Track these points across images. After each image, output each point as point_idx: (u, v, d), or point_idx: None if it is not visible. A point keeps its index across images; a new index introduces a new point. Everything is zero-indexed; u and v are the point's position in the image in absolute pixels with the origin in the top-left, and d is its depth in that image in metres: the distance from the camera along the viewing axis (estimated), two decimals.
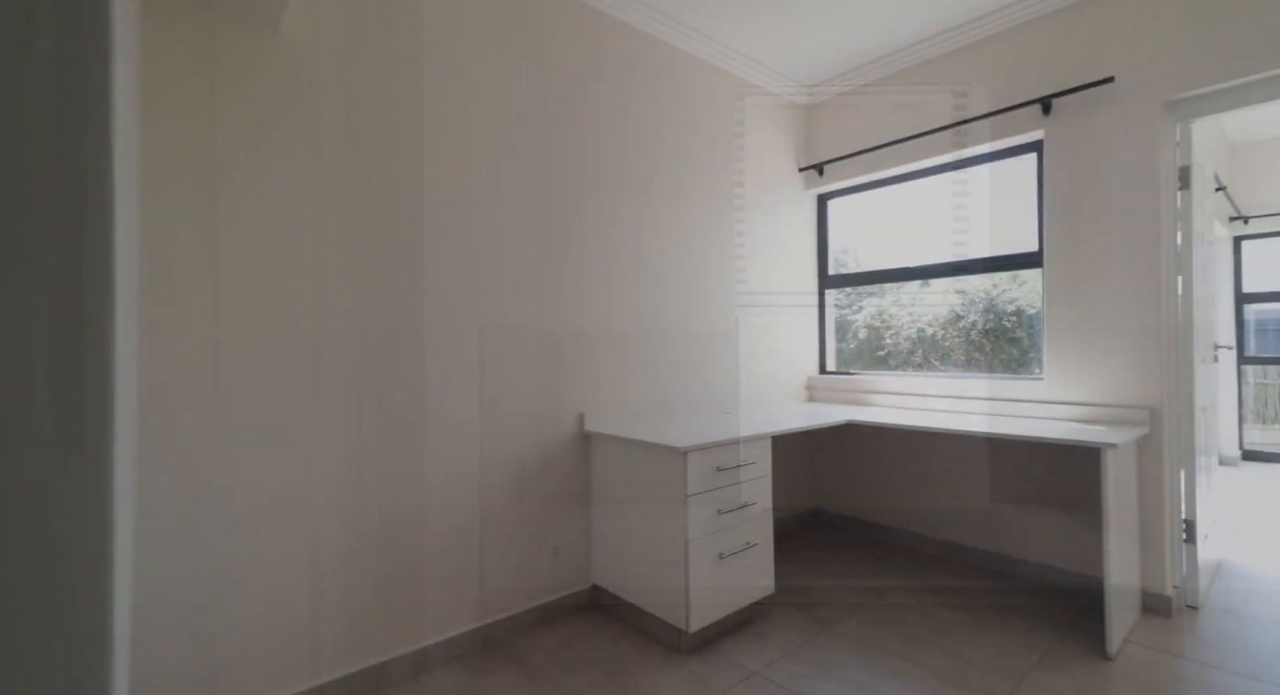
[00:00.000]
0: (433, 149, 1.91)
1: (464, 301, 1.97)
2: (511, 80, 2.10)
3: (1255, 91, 2.03)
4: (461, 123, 1.97)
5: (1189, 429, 2.22)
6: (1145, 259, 2.19)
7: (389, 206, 1.81)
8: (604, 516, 2.23)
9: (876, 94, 3.02)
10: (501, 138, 2.07)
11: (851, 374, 3.28)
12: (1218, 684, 1.72)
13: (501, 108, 2.07)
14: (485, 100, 2.04)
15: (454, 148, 1.96)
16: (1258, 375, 4.87)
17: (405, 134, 1.86)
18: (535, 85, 2.16)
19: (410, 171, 1.86)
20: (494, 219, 2.05)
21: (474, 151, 2.01)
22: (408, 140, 1.86)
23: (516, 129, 2.11)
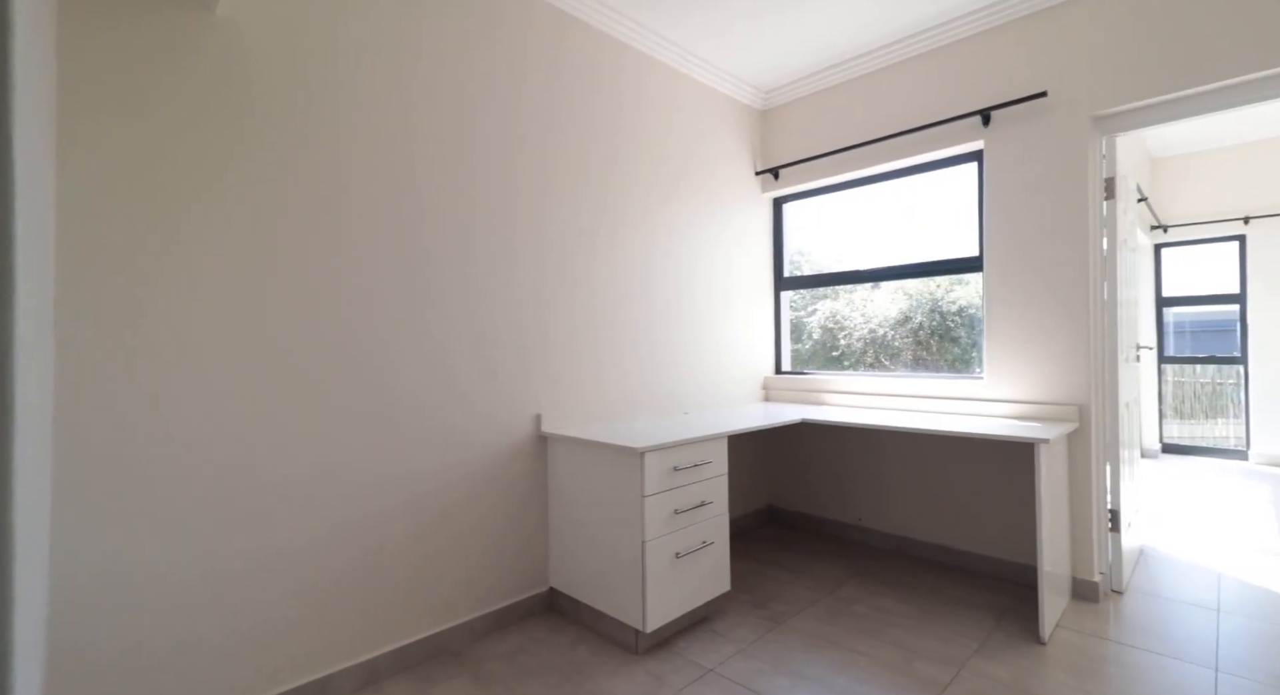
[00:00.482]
0: (388, 142, 1.86)
1: (417, 302, 1.92)
2: (471, 73, 2.06)
3: (1173, 109, 2.18)
4: (422, 115, 1.92)
5: (1114, 424, 2.36)
6: (1074, 264, 2.32)
7: (340, 200, 1.75)
8: (561, 518, 2.22)
9: (828, 101, 3.11)
10: (462, 130, 2.03)
11: (806, 374, 3.35)
12: (1140, 664, 1.83)
13: (463, 101, 2.03)
14: (446, 92, 1.99)
15: (412, 141, 1.91)
16: (1176, 374, 5.23)
17: (358, 125, 1.79)
18: (490, 78, 2.13)
19: (363, 165, 1.80)
20: (452, 217, 2.01)
21: (433, 145, 1.96)
22: (361, 131, 1.80)
23: (479, 122, 2.07)
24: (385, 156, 1.86)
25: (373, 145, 1.83)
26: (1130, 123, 2.27)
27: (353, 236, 1.78)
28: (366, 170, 1.82)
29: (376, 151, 1.84)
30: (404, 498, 1.88)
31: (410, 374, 1.90)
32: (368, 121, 1.82)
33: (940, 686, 1.73)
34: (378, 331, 1.83)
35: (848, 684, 1.75)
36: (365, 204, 1.81)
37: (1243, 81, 2.02)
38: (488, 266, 2.11)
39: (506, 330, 2.16)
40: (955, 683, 1.74)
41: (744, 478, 3.27)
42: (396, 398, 1.87)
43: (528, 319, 2.23)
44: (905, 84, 2.81)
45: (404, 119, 1.90)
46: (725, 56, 2.90)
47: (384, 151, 1.86)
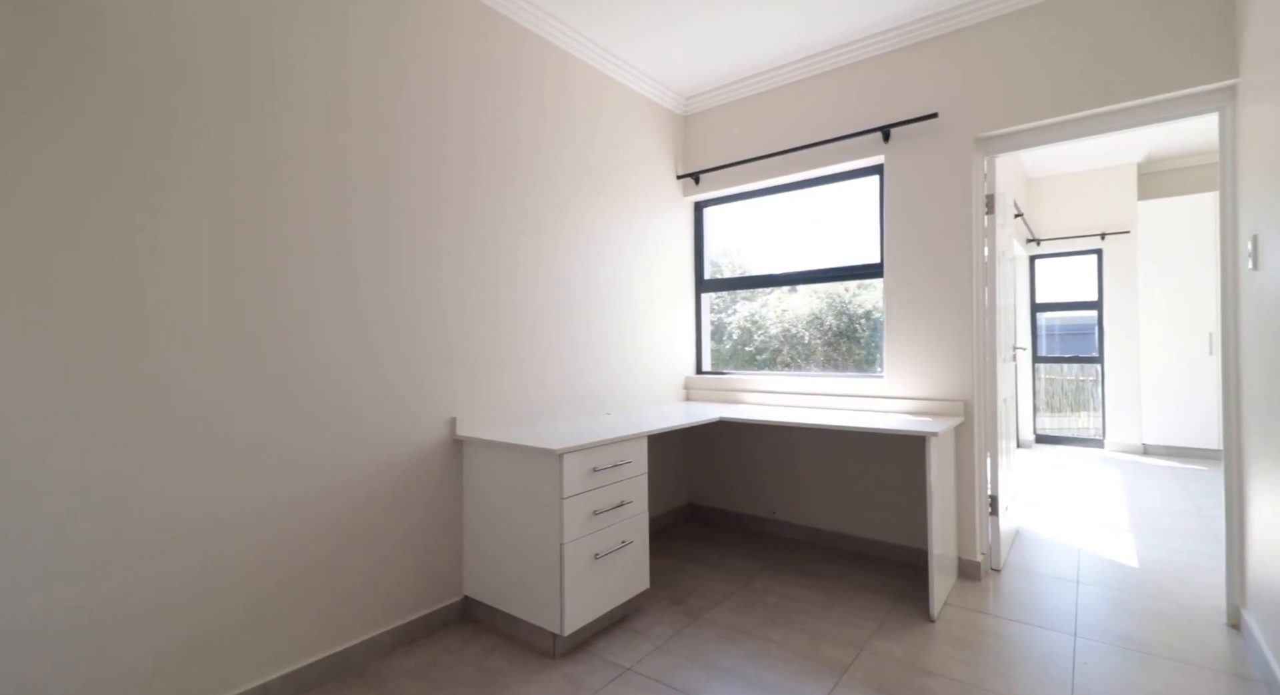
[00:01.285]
0: (309, 131, 1.73)
1: (321, 302, 1.80)
2: (391, 63, 1.95)
3: (1042, 134, 2.43)
4: (346, 105, 1.80)
5: (993, 418, 2.60)
6: (961, 272, 2.54)
7: (228, 188, 1.60)
8: (477, 524, 2.15)
9: (746, 111, 3.22)
10: (387, 122, 1.92)
11: (725, 374, 3.45)
12: (1014, 634, 2.03)
13: (386, 92, 1.92)
14: (368, 84, 1.88)
15: (338, 130, 1.78)
16: (1047, 372, 5.86)
17: (280, 117, 1.65)
18: (411, 69, 2.03)
19: (288, 154, 1.66)
20: (361, 209, 1.90)
21: (357, 139, 1.84)
22: (287, 126, 1.66)
23: (402, 114, 1.97)
24: (309, 145, 1.74)
25: (298, 135, 1.70)
26: (1007, 145, 2.51)
27: (251, 228, 1.64)
28: (289, 161, 1.68)
29: (300, 141, 1.71)
30: (301, 511, 1.75)
31: (341, 360, 1.78)
32: (290, 112, 1.68)
33: (843, 667, 1.83)
34: (286, 317, 1.70)
35: (759, 672, 1.82)
36: (259, 191, 1.67)
37: (1098, 113, 2.29)
38: (408, 266, 2.01)
39: (421, 332, 2.07)
40: (856, 663, 1.86)
41: (665, 476, 3.32)
42: (283, 404, 1.74)
43: (444, 321, 2.15)
44: (817, 98, 2.96)
45: (326, 109, 1.78)
46: (647, 60, 2.94)
47: (309, 141, 1.73)
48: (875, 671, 1.81)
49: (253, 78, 1.66)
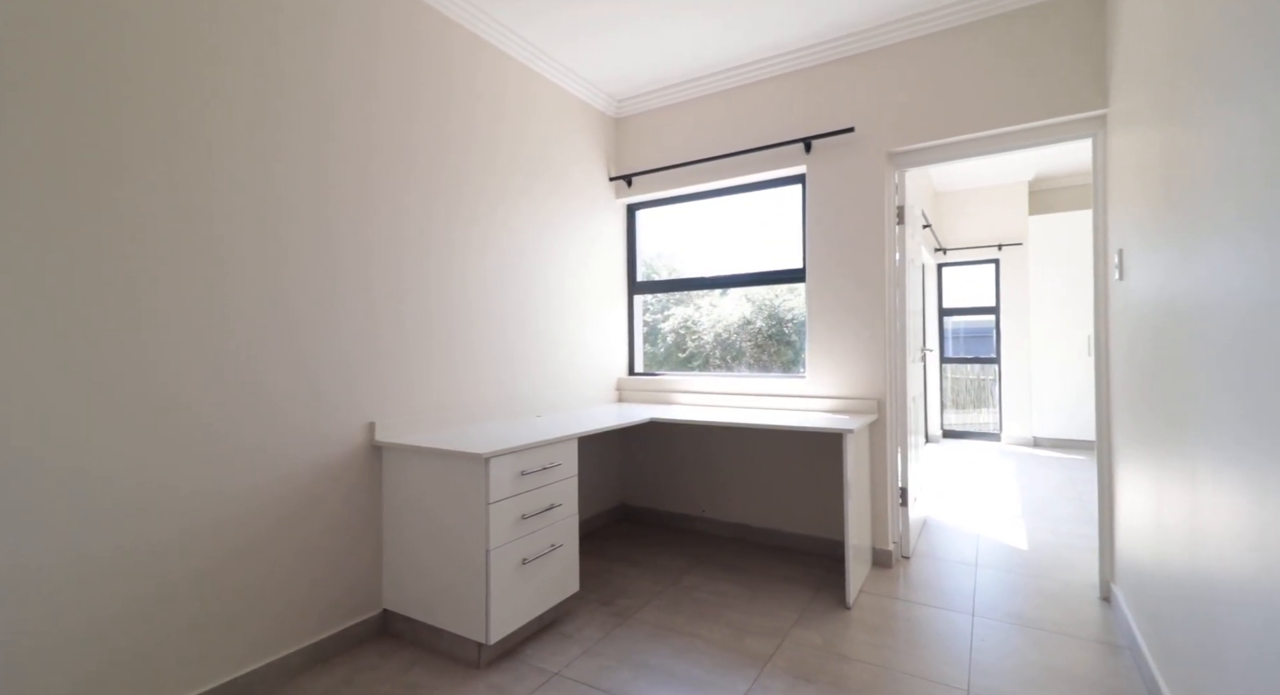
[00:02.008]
0: (218, 122, 1.58)
1: (227, 301, 1.66)
2: (319, 53, 1.83)
3: (946, 152, 2.62)
4: (240, 93, 1.66)
5: (904, 415, 2.78)
6: (874, 278, 2.70)
7: (162, 180, 1.45)
8: (397, 534, 2.06)
9: (678, 115, 3.27)
10: (320, 112, 1.79)
11: (657, 375, 3.49)
12: (921, 616, 2.18)
13: (303, 84, 1.79)
14: (282, 73, 1.75)
15: (249, 124, 1.64)
16: (953, 372, 6.32)
17: (187, 99, 1.50)
18: (344, 61, 1.92)
19: (189, 144, 1.51)
20: (291, 205, 1.77)
21: (267, 128, 1.70)
22: (216, 116, 1.51)
23: (327, 107, 1.85)
24: (239, 140, 1.59)
25: (230, 129, 1.55)
26: (915, 160, 2.70)
27: (143, 215, 1.49)
28: (221, 154, 1.53)
29: (231, 135, 1.56)
30: (199, 526, 1.61)
31: (206, 376, 1.64)
32: (220, 106, 1.53)
33: (765, 658, 1.90)
34: (155, 330, 1.55)
35: (686, 668, 1.85)
36: (155, 175, 1.52)
37: (992, 135, 2.50)
38: (328, 262, 1.90)
39: (336, 333, 1.96)
40: (778, 653, 1.93)
41: (597, 478, 3.31)
42: (182, 404, 1.60)
43: (363, 321, 2.04)
44: (745, 108, 3.06)
45: (256, 102, 1.64)
46: (580, 61, 2.93)
47: (240, 135, 1.58)
48: (796, 660, 1.88)
49: (186, 73, 1.51)
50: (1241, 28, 1.09)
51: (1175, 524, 1.49)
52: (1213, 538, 1.24)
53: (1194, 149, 1.35)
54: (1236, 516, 1.12)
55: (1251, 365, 1.05)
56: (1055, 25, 2.33)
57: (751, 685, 1.74)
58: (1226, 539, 1.17)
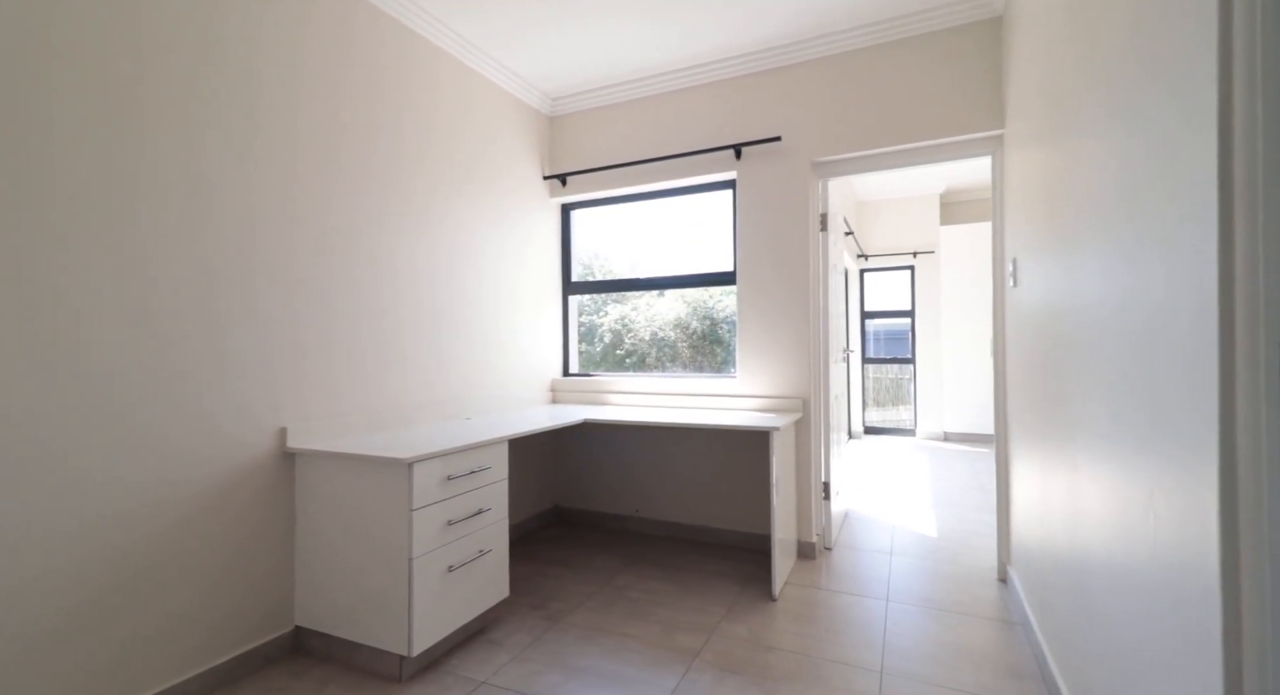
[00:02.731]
0: (144, 106, 1.42)
1: (115, 299, 1.50)
2: (248, 39, 1.68)
3: (865, 164, 2.77)
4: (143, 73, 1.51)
5: (827, 413, 2.91)
6: (800, 282, 2.81)
7: None
8: (311, 546, 1.94)
9: (614, 116, 3.28)
10: (246, 97, 1.65)
11: (592, 376, 3.48)
12: (841, 604, 2.29)
13: (229, 70, 1.65)
14: (208, 58, 1.60)
15: (178, 108, 1.48)
16: (874, 371, 6.69)
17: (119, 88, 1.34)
18: (249, 51, 1.78)
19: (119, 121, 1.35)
20: (219, 200, 1.62)
21: (179, 108, 1.55)
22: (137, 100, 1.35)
23: (248, 94, 1.71)
24: (168, 122, 1.43)
25: (158, 114, 1.39)
26: (837, 170, 2.83)
27: None
28: (148, 135, 1.37)
29: (161, 118, 1.40)
30: (83, 548, 1.45)
31: (51, 395, 1.48)
32: (151, 92, 1.37)
33: (694, 653, 1.93)
34: (45, 338, 1.39)
35: (617, 667, 1.85)
36: (33, 154, 1.36)
37: (905, 149, 2.66)
38: (238, 257, 1.76)
39: (244, 333, 1.83)
40: (706, 647, 1.97)
41: (529, 480, 3.26)
42: (18, 425, 1.44)
43: (275, 320, 1.91)
44: (679, 112, 3.11)
45: (187, 86, 1.48)
46: (514, 57, 2.88)
47: (172, 118, 1.43)
48: (723, 653, 1.93)
49: (110, 57, 1.35)
50: (1095, 66, 1.23)
51: (1059, 509, 1.64)
52: (1088, 521, 1.37)
53: (1068, 171, 1.49)
54: (1105, 501, 1.25)
55: (1120, 366, 1.18)
56: (960, 50, 2.51)
57: (680, 681, 1.77)
58: (1098, 521, 1.30)
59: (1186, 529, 0.88)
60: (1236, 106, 0.77)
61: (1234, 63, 0.77)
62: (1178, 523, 0.91)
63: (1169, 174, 0.94)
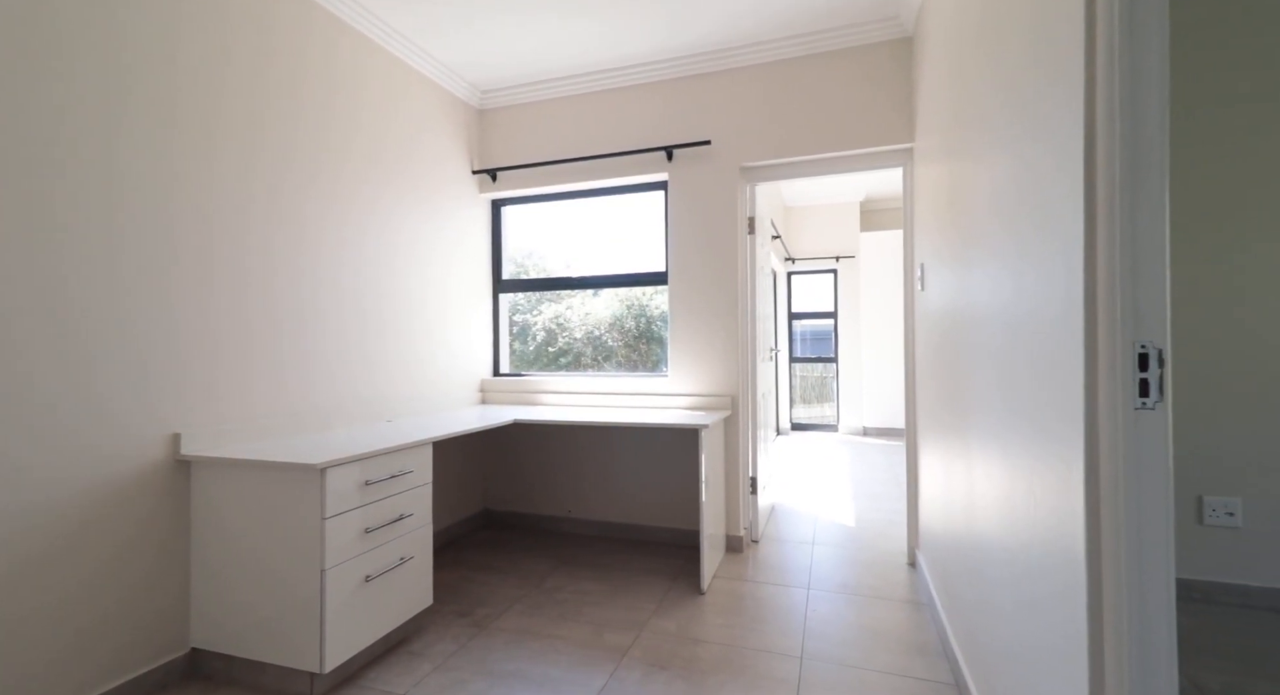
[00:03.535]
0: None
1: None
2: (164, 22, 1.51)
3: (789, 170, 2.88)
4: None
5: (754, 410, 3.01)
6: (729, 283, 2.89)
7: None
8: (209, 560, 1.79)
9: (546, 113, 3.23)
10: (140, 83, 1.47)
11: (523, 375, 3.42)
12: (766, 595, 2.37)
13: (143, 46, 1.47)
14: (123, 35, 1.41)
15: None
16: (800, 370, 6.97)
17: None
18: (189, 33, 1.61)
19: None
20: (133, 194, 1.44)
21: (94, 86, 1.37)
22: None
23: (164, 76, 1.53)
24: None
25: None
26: (764, 175, 2.93)
27: None
28: None
29: None
30: None
31: None
32: None
33: (623, 650, 1.94)
34: None
35: (544, 670, 1.83)
36: None
37: (826, 158, 2.79)
38: (133, 256, 1.58)
39: (131, 329, 1.66)
40: (636, 644, 1.98)
41: (457, 484, 3.16)
42: None
43: (171, 316, 1.75)
44: (611, 112, 3.10)
45: None
46: (440, 45, 2.77)
47: None
48: (652, 649, 1.95)
49: None
50: (978, 105, 1.34)
51: (959, 498, 1.77)
52: (981, 506, 1.50)
53: (963, 187, 1.62)
54: (995, 487, 1.37)
55: (1004, 367, 1.29)
56: (874, 65, 2.66)
57: (608, 679, 1.78)
58: (989, 506, 1.42)
59: (1060, 512, 0.98)
60: (1099, 144, 0.86)
61: (1097, 105, 0.86)
62: (1053, 506, 1.01)
63: (1042, 199, 1.04)
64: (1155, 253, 0.82)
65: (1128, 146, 0.83)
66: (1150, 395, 0.82)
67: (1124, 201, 0.83)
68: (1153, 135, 0.82)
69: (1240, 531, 2.17)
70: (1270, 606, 2.14)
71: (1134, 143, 0.83)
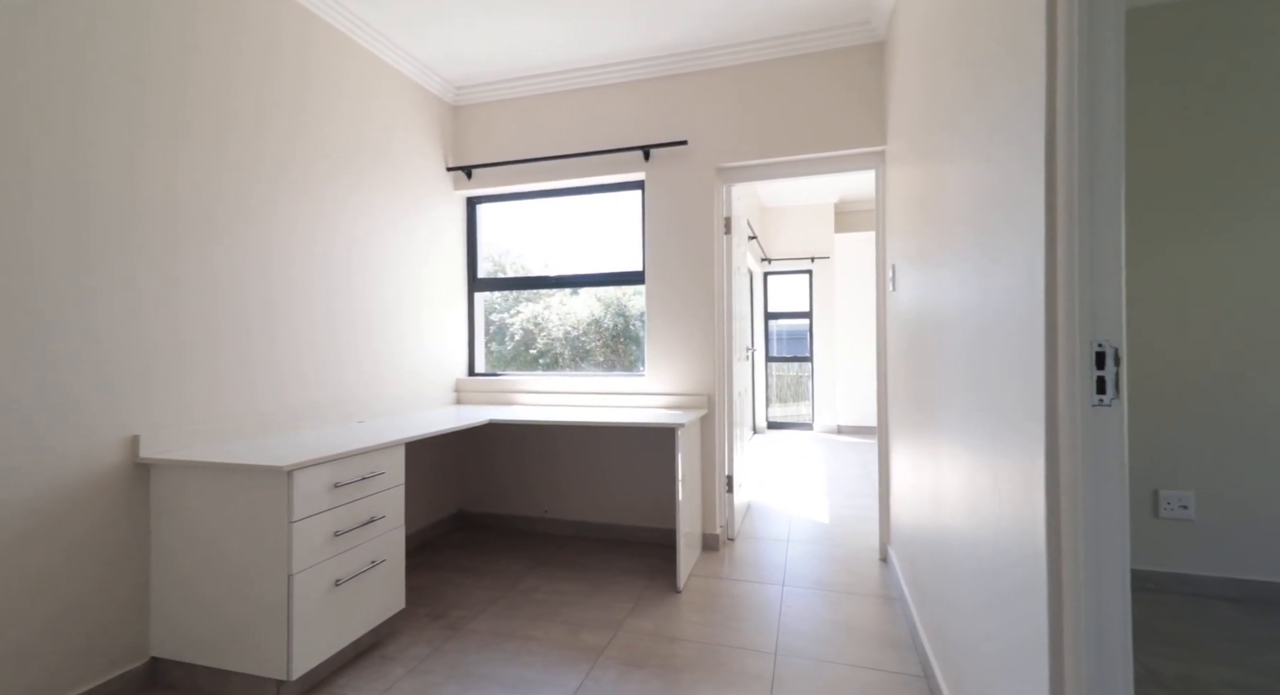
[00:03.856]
0: None
1: None
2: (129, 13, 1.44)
3: (765, 171, 2.91)
4: None
5: (731, 409, 3.03)
6: (705, 283, 2.90)
7: None
8: (170, 568, 1.74)
9: (523, 110, 3.21)
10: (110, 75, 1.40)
11: (499, 375, 3.39)
12: (741, 592, 2.39)
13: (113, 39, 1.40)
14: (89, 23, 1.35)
15: None
16: (777, 370, 7.05)
17: None
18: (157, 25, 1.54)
19: None
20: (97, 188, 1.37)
21: None
22: None
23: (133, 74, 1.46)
24: None
25: None
26: (740, 176, 2.95)
27: None
28: None
29: None
30: None
31: None
32: None
33: (599, 650, 1.94)
34: None
35: (519, 671, 1.82)
36: None
37: (801, 159, 2.82)
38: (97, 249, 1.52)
39: (85, 328, 1.59)
40: (612, 643, 1.98)
41: (432, 485, 3.12)
42: None
43: (129, 315, 1.69)
44: (589, 111, 3.09)
45: None
46: (415, 41, 2.73)
47: None
48: (628, 648, 1.95)
49: None
50: (950, 109, 1.37)
51: (927, 493, 1.81)
52: (948, 502, 1.53)
53: (934, 190, 1.65)
54: (961, 483, 1.40)
55: (971, 364, 1.32)
56: (848, 69, 2.70)
57: (584, 680, 1.77)
58: (957, 502, 1.45)
59: (1022, 505, 1.01)
60: (1059, 147, 0.89)
61: (1057, 115, 0.89)
62: (1016, 501, 1.04)
63: (1008, 202, 1.07)
64: (1111, 255, 0.85)
65: (1085, 152, 0.86)
66: (1107, 392, 0.85)
67: (1082, 205, 0.86)
68: (1110, 142, 0.85)
69: (1194, 524, 2.26)
70: (1221, 595, 2.23)
71: (1091, 149, 0.86)
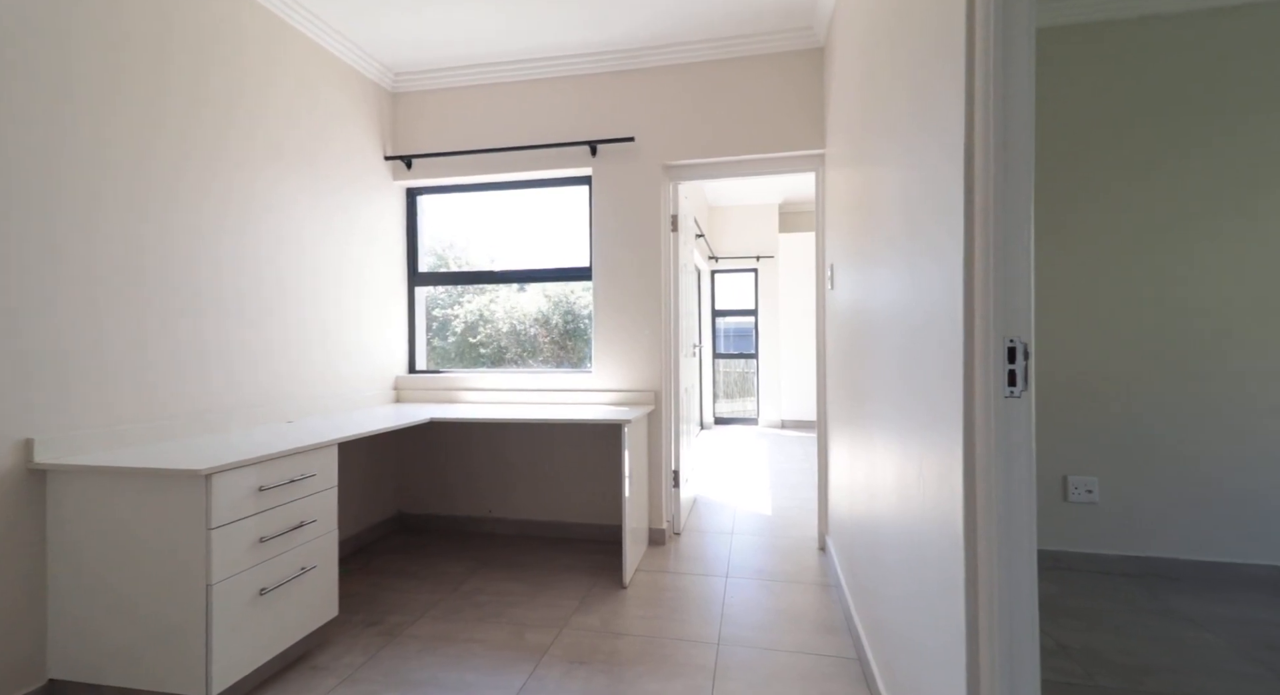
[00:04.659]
0: None
1: None
2: None
3: (711, 170, 2.95)
4: None
5: (677, 405, 3.06)
6: (652, 280, 2.91)
7: None
8: (71, 581, 1.59)
9: (465, 100, 3.12)
10: None
11: (441, 372, 3.29)
12: (686, 585, 2.42)
13: None
14: None
15: None
16: (723, 366, 7.18)
17: None
18: None
19: None
20: None
21: None
22: None
23: None
24: None
25: None
26: (686, 174, 2.98)
27: None
28: None
29: None
30: None
31: None
32: None
33: (543, 649, 1.92)
34: None
35: (460, 675, 1.77)
36: None
37: (745, 159, 2.88)
38: None
39: None
40: (556, 642, 1.97)
41: (368, 487, 3.00)
42: None
43: (28, 308, 1.53)
44: (535, 103, 3.04)
45: None
46: (348, 22, 2.60)
47: None
48: (573, 645, 1.94)
49: None
50: (885, 112, 1.43)
51: (861, 483, 1.89)
52: (880, 492, 1.60)
53: (869, 190, 1.72)
54: (890, 474, 1.47)
55: (906, 358, 1.38)
56: (791, 73, 2.77)
57: (527, 679, 1.75)
58: (886, 492, 1.52)
59: (943, 491, 1.07)
60: (977, 144, 0.94)
61: (975, 115, 0.94)
62: (938, 487, 1.10)
63: (936, 203, 1.12)
64: (1022, 257, 0.91)
65: (1000, 157, 0.91)
66: (1017, 385, 0.91)
67: (996, 207, 0.91)
68: (1021, 145, 0.91)
69: (1098, 507, 2.46)
70: (1122, 572, 2.44)
71: (1005, 153, 0.91)
